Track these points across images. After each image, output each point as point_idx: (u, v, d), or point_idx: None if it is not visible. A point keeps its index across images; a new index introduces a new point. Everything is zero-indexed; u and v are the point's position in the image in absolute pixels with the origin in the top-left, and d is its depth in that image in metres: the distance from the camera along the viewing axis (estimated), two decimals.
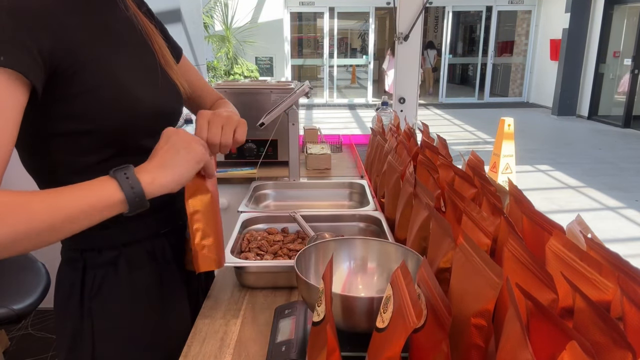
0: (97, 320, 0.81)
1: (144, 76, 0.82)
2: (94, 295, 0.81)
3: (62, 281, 0.84)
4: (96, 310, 0.81)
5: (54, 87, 0.69)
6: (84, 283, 0.81)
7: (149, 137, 0.79)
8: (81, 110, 0.72)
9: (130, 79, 0.77)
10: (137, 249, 0.84)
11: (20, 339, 2.33)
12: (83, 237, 0.74)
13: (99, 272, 0.81)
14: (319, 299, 0.57)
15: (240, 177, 1.77)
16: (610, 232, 3.85)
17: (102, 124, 0.74)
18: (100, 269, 0.81)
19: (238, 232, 1.14)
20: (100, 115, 0.73)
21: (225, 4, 9.26)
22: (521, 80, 11.84)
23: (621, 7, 8.81)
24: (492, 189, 0.86)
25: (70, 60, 0.69)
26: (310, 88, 1.56)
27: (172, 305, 0.90)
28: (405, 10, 2.41)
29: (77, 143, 0.75)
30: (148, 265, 0.85)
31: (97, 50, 0.74)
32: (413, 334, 0.56)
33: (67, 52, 0.69)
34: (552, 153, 6.60)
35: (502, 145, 4.59)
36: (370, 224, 1.26)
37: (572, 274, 0.54)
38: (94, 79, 0.72)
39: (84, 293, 0.81)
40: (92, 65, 0.72)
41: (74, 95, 0.71)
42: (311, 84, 1.65)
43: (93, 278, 0.81)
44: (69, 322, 0.82)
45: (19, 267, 1.78)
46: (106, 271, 0.81)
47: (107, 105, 0.74)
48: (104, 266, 0.81)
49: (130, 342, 0.83)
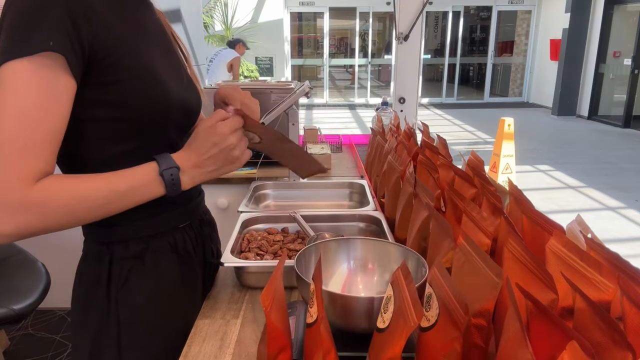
0: (123, 310, 0.83)
1: (174, 74, 0.87)
2: (121, 287, 0.83)
3: (85, 274, 0.86)
4: (122, 301, 0.83)
5: (90, 74, 0.71)
6: (110, 275, 0.83)
7: (175, 130, 0.86)
8: (117, 97, 0.75)
9: (163, 73, 0.81)
10: (162, 241, 0.87)
11: (20, 339, 2.33)
12: (109, 230, 0.82)
13: (126, 264, 0.83)
14: (311, 300, 0.57)
15: (240, 177, 1.77)
16: (611, 232, 3.85)
17: (136, 112, 0.77)
18: (127, 261, 0.83)
19: (238, 232, 1.14)
20: (134, 103, 0.76)
21: (225, 4, 9.27)
22: (521, 80, 11.84)
23: (621, 7, 8.81)
24: (492, 189, 0.86)
25: (108, 51, 0.72)
26: (310, 88, 1.56)
27: (189, 298, 0.93)
28: (405, 10, 2.41)
29: (108, 130, 0.77)
30: (171, 256, 0.88)
31: (134, 44, 0.77)
32: (422, 333, 0.56)
33: (106, 43, 0.71)
34: (552, 153, 6.60)
35: (502, 145, 4.59)
36: (370, 224, 1.26)
37: (572, 274, 0.54)
38: (130, 70, 0.75)
39: (111, 284, 0.83)
40: (129, 57, 0.75)
41: (111, 83, 0.74)
42: (311, 84, 1.65)
43: (120, 270, 0.83)
44: (94, 313, 0.83)
45: (19, 267, 1.78)
46: (133, 263, 0.84)
47: (141, 94, 0.77)
48: (131, 258, 0.84)
49: (153, 332, 0.86)
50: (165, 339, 0.87)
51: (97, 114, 0.75)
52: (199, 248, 0.96)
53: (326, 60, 11.59)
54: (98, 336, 0.83)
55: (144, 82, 0.77)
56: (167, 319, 0.87)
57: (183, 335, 0.86)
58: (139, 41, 0.79)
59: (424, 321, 0.56)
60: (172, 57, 0.90)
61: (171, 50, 0.90)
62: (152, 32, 0.85)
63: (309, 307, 0.58)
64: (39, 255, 1.81)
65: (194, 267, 0.93)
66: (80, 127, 0.74)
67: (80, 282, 0.86)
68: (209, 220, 1.02)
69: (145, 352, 0.85)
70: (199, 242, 0.95)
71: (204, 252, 0.98)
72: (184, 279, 0.91)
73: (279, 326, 0.58)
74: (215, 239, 1.06)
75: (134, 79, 0.76)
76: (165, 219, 0.87)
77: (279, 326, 0.58)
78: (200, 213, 0.97)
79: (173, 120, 0.84)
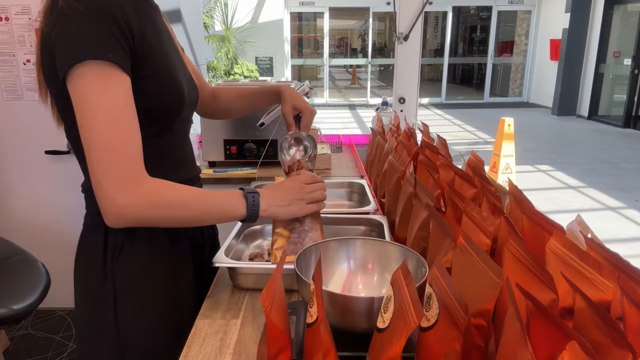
0: (118, 278, 0.90)
1: (182, 71, 0.96)
2: (117, 256, 0.90)
3: (85, 243, 0.94)
4: (118, 270, 0.90)
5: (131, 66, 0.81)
6: (106, 245, 0.90)
7: (182, 121, 0.98)
8: (142, 90, 0.82)
9: (177, 71, 0.92)
10: None
11: (20, 339, 2.33)
12: None
13: (120, 235, 0.90)
14: (311, 300, 0.57)
15: (240, 177, 1.77)
16: (611, 232, 3.85)
17: (156, 103, 0.87)
18: (121, 233, 0.90)
19: (235, 234, 1.14)
20: (156, 96, 0.86)
21: (225, 4, 9.26)
22: (521, 80, 11.84)
23: (621, 7, 8.81)
24: (492, 189, 0.86)
25: (142, 51, 0.82)
26: (311, 88, 1.56)
27: (180, 268, 0.99)
28: (405, 10, 2.41)
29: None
30: (162, 232, 0.94)
31: (157, 44, 0.87)
32: (422, 333, 0.56)
33: (140, 44, 0.81)
34: (552, 153, 6.60)
35: (502, 145, 4.60)
36: (370, 225, 1.25)
37: (572, 274, 0.54)
38: (155, 67, 0.85)
39: (107, 254, 0.90)
40: (155, 56, 0.85)
41: (139, 77, 0.82)
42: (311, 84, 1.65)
43: (114, 240, 0.90)
44: (92, 280, 0.91)
45: (19, 267, 1.78)
46: (126, 234, 0.90)
47: (163, 88, 0.87)
48: (124, 231, 0.90)
49: (147, 299, 0.93)
50: (158, 306, 0.94)
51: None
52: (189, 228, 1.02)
53: (326, 60, 11.59)
54: (96, 302, 0.91)
55: (165, 79, 0.88)
56: (159, 286, 0.94)
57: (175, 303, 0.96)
58: (161, 42, 0.89)
59: (424, 321, 0.56)
60: (178, 55, 0.98)
61: (176, 48, 1.00)
62: (165, 32, 0.94)
63: (309, 307, 0.58)
64: (39, 255, 1.81)
65: (183, 242, 1.00)
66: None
67: (81, 251, 0.95)
68: None
69: (139, 318, 0.92)
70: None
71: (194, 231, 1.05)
72: (174, 252, 0.98)
73: (279, 326, 0.58)
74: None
75: (158, 76, 0.86)
76: None
77: (279, 326, 0.58)
78: None
79: (183, 113, 0.95)
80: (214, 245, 1.16)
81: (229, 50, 9.03)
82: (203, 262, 1.07)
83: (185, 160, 1.03)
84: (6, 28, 2.13)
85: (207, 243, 1.11)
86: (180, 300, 0.98)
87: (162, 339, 0.94)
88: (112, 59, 0.75)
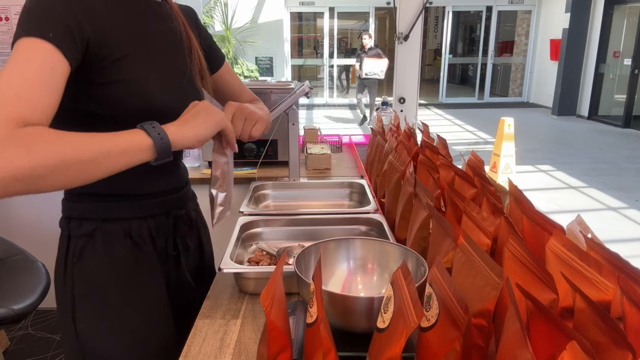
0: (77, 283, 0.90)
1: (169, 78, 0.91)
2: (76, 262, 0.89)
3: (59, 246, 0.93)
4: (77, 275, 0.90)
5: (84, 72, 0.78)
6: (68, 249, 0.90)
7: None
8: (102, 96, 0.81)
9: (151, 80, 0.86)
10: (114, 225, 0.91)
11: (20, 339, 2.33)
12: (70, 205, 0.91)
13: (80, 241, 0.89)
14: (311, 300, 0.57)
15: (240, 177, 1.77)
16: (611, 232, 3.85)
17: (117, 112, 0.83)
18: (81, 239, 0.89)
19: (236, 236, 1.14)
20: (117, 104, 0.82)
21: (225, 4, 9.26)
22: (521, 80, 11.84)
23: (621, 7, 8.81)
24: (492, 189, 0.86)
25: (104, 54, 0.79)
26: (310, 88, 1.56)
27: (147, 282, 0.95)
28: (405, 10, 2.41)
29: (90, 122, 0.82)
30: (124, 240, 0.91)
31: (129, 50, 0.83)
32: (422, 333, 0.56)
33: (103, 47, 0.78)
34: (552, 153, 6.59)
35: (502, 145, 4.60)
36: (370, 225, 1.26)
37: (572, 274, 0.54)
38: (120, 74, 0.81)
39: (67, 259, 0.90)
40: (121, 62, 0.81)
41: (100, 83, 0.80)
42: (311, 84, 1.65)
43: (75, 245, 0.90)
44: (58, 283, 0.92)
45: (19, 267, 1.78)
46: (86, 241, 0.89)
47: (124, 97, 0.82)
48: (84, 236, 0.89)
49: (105, 308, 0.91)
50: (119, 313, 0.92)
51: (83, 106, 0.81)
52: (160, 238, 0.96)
53: (326, 60, 11.59)
54: (59, 307, 0.92)
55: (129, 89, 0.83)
56: (120, 297, 0.92)
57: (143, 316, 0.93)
58: (137, 45, 0.85)
59: (424, 321, 0.56)
60: (176, 59, 0.94)
61: (177, 52, 0.94)
62: (155, 34, 0.90)
63: (309, 307, 0.58)
64: (39, 256, 1.81)
65: (151, 255, 0.95)
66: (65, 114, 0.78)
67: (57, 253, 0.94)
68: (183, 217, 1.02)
69: (97, 326, 0.91)
70: (160, 232, 0.96)
71: (166, 244, 0.98)
72: (139, 263, 0.94)
73: (279, 326, 0.58)
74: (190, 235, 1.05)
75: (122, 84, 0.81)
76: (117, 207, 0.91)
77: (279, 326, 0.58)
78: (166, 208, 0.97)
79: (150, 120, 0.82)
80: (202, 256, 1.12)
81: (229, 50, 9.03)
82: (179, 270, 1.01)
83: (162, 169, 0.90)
84: (6, 28, 2.13)
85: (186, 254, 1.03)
86: (146, 309, 0.94)
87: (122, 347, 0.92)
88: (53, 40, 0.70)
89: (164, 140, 0.74)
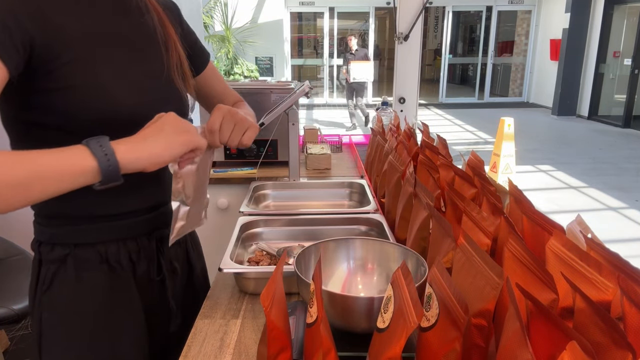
0: (45, 312, 0.83)
1: (140, 82, 0.82)
2: (46, 289, 0.82)
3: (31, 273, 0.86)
4: (45, 304, 0.83)
5: (33, 78, 0.70)
6: (38, 276, 0.83)
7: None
8: (54, 104, 0.73)
9: (114, 84, 0.77)
10: (88, 250, 0.82)
11: (20, 339, 2.32)
12: (40, 230, 0.83)
13: (51, 267, 0.82)
14: (311, 300, 0.57)
15: (240, 177, 1.77)
16: (611, 232, 3.85)
17: (72, 123, 0.74)
18: (52, 264, 0.82)
19: (236, 237, 1.14)
20: (72, 114, 0.74)
21: (225, 4, 9.26)
22: (521, 80, 11.84)
23: (621, 7, 8.81)
24: (492, 189, 0.86)
25: (52, 57, 0.70)
26: (310, 88, 1.56)
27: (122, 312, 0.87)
28: (405, 10, 2.41)
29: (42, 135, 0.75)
30: (99, 266, 0.83)
31: (85, 51, 0.74)
32: (422, 333, 0.56)
33: (50, 49, 0.70)
34: (552, 153, 6.59)
35: (502, 145, 4.60)
36: (370, 225, 1.26)
37: (572, 274, 0.54)
38: (73, 79, 0.72)
39: (37, 285, 0.83)
40: (74, 65, 0.72)
41: (52, 89, 0.72)
42: (311, 84, 1.65)
43: (45, 272, 0.82)
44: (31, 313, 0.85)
45: (19, 267, 1.78)
46: (57, 267, 0.82)
47: (80, 105, 0.74)
48: (55, 262, 0.82)
49: (73, 339, 0.84)
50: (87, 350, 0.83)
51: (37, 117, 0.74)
52: (142, 262, 0.88)
53: (326, 60, 11.59)
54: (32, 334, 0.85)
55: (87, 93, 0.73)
56: (91, 329, 0.83)
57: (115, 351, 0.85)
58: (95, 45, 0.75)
59: (424, 321, 0.56)
60: (148, 58, 0.84)
61: (150, 49, 0.84)
62: (119, 31, 0.80)
63: (309, 307, 0.58)
64: None
65: (128, 281, 0.86)
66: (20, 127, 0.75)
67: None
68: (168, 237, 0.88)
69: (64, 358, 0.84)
70: (141, 256, 0.88)
71: (149, 268, 0.89)
72: (115, 291, 0.85)
73: (279, 326, 0.58)
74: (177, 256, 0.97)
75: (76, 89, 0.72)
76: (91, 230, 0.82)
77: (279, 326, 0.58)
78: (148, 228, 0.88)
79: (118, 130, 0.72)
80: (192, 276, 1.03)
81: (229, 51, 9.03)
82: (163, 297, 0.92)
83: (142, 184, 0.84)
84: None
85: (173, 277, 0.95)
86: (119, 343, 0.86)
87: None
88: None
89: (110, 161, 0.64)
